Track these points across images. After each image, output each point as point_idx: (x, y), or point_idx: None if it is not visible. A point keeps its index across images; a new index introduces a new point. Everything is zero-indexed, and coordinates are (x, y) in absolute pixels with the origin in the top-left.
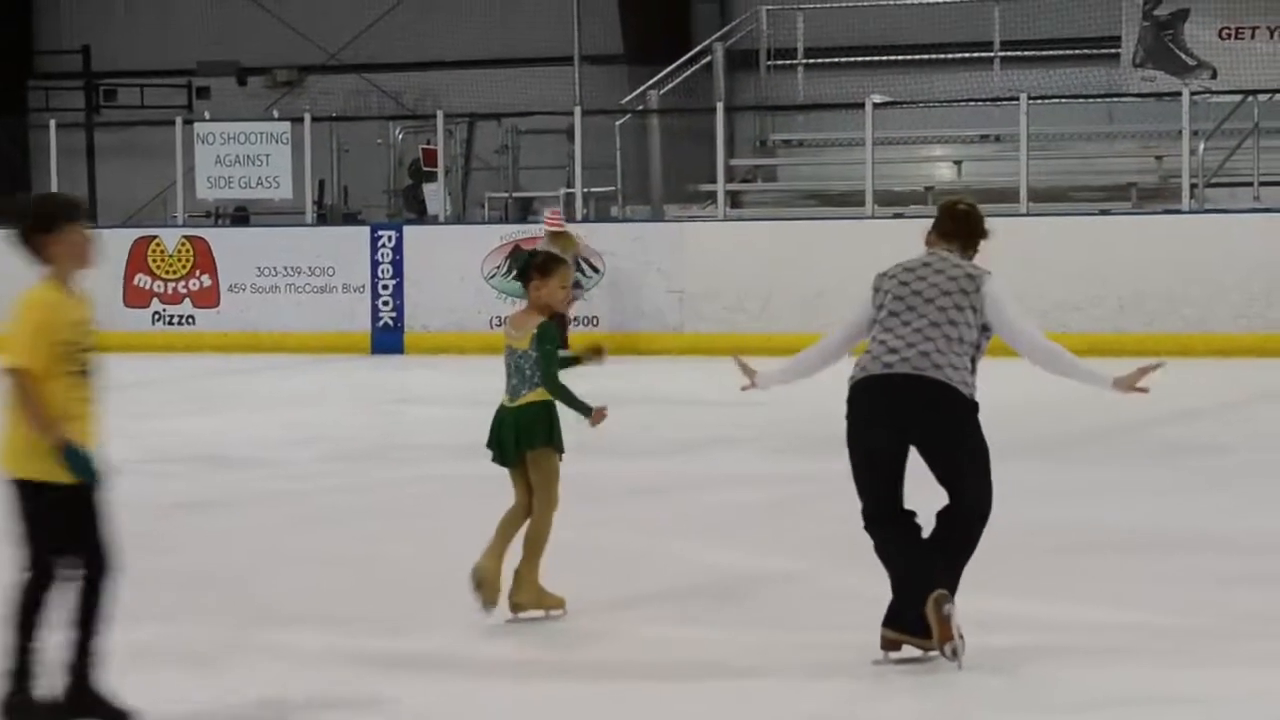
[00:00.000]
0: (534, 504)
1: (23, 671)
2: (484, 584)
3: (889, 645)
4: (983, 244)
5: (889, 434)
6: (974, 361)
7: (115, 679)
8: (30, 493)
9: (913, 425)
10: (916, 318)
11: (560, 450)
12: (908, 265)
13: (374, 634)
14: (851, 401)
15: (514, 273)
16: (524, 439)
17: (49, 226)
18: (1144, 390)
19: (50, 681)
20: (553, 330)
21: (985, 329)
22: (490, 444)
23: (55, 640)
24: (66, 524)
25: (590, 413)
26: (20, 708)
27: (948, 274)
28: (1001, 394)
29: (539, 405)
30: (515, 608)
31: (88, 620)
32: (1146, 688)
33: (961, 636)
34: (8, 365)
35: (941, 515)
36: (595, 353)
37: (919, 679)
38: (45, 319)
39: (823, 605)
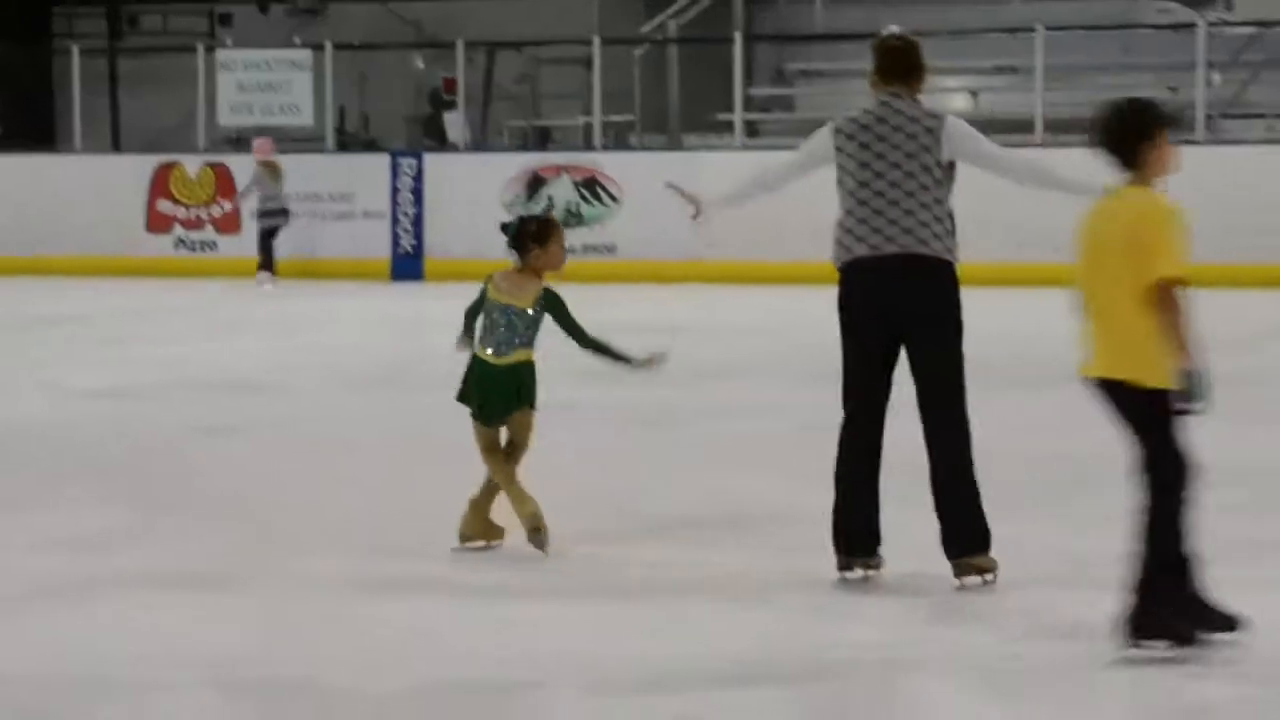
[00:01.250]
0: (511, 454)
1: (1154, 586)
2: (538, 529)
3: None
4: (927, 78)
5: (883, 329)
6: (952, 219)
7: (127, 601)
8: (1139, 399)
9: (905, 315)
10: (889, 187)
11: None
12: (863, 122)
13: (387, 557)
14: (844, 287)
15: (507, 241)
16: (522, 397)
17: (1148, 133)
18: None
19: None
20: (562, 299)
21: (951, 166)
22: (469, 399)
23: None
24: (1159, 427)
25: (637, 362)
26: (1153, 625)
27: (906, 131)
28: (1014, 324)
29: (528, 365)
30: (462, 538)
31: (1164, 529)
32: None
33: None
34: (1165, 275)
35: (929, 441)
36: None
37: (937, 609)
38: (1179, 227)
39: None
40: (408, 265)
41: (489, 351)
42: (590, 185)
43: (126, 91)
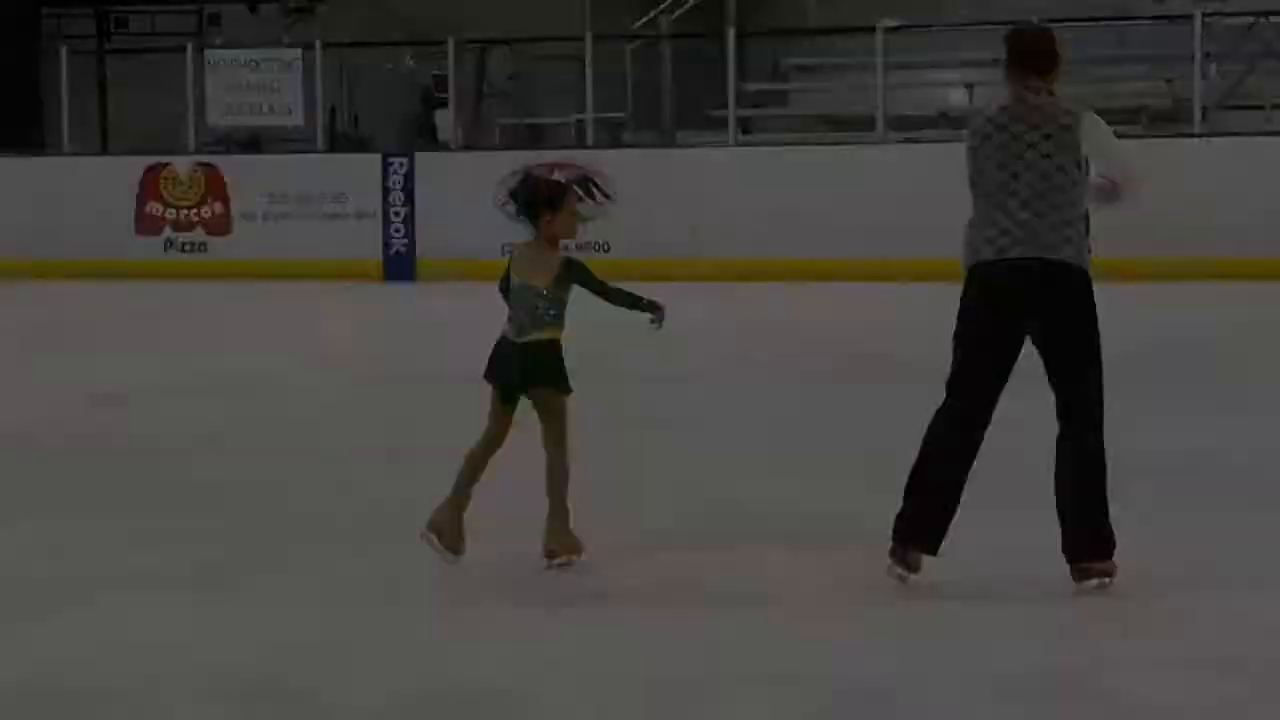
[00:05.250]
0: (544, 445)
1: None
2: (442, 533)
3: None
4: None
5: (1005, 334)
6: (1087, 220)
7: (125, 609)
8: None
9: (1031, 318)
10: (1024, 187)
11: (568, 390)
12: (998, 122)
13: (390, 564)
14: (968, 290)
15: (516, 208)
16: (530, 377)
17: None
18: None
19: None
20: (582, 264)
21: (1085, 163)
22: (492, 376)
23: None
24: None
25: (659, 309)
26: None
27: (1043, 129)
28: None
29: (546, 344)
30: (549, 554)
31: None
32: (1170, 611)
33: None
34: None
35: (1061, 446)
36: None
37: (944, 605)
38: None
39: (843, 527)
40: (400, 266)
41: (511, 331)
42: (583, 183)
43: (115, 92)
